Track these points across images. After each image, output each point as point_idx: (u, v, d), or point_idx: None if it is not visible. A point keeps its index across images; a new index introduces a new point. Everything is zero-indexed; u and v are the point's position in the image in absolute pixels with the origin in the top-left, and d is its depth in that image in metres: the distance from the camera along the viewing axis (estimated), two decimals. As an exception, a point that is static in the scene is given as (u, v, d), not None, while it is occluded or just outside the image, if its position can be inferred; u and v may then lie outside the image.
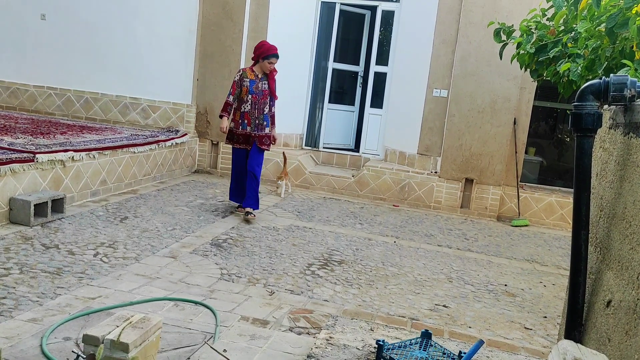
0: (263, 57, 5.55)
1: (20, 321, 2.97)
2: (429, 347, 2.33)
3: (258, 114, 5.66)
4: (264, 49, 5.56)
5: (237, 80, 5.65)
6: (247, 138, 5.68)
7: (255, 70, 5.69)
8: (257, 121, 5.66)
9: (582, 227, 1.51)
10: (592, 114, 1.51)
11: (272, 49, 5.54)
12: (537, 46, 4.74)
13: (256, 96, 5.63)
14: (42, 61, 8.38)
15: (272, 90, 5.72)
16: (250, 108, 5.63)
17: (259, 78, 5.67)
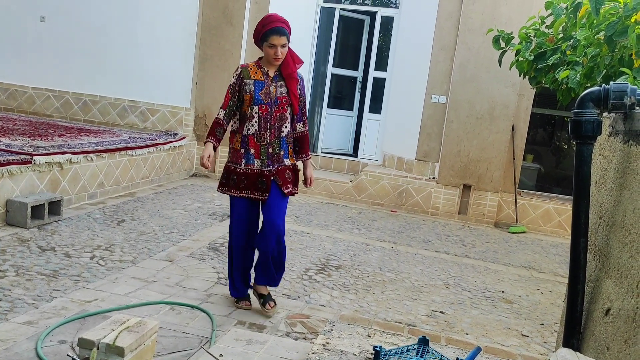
0: (261, 39, 3.40)
1: (15, 324, 2.95)
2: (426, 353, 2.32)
3: (271, 137, 3.45)
4: (259, 25, 3.41)
5: (233, 83, 3.49)
6: (256, 180, 3.45)
7: (264, 66, 3.48)
8: (271, 149, 3.46)
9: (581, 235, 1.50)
10: (591, 122, 1.51)
11: (270, 21, 3.36)
12: (536, 53, 4.76)
13: (267, 107, 3.41)
14: (41, 63, 8.37)
15: (294, 97, 3.47)
16: (257, 128, 3.44)
17: (270, 78, 3.44)
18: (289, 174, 3.53)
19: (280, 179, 3.48)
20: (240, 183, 3.48)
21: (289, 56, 3.45)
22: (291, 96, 3.46)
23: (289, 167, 3.53)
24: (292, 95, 3.47)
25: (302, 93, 3.55)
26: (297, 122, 3.58)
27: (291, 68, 3.45)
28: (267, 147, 3.46)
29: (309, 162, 3.72)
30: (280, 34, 3.33)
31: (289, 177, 3.52)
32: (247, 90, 3.44)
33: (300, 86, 3.53)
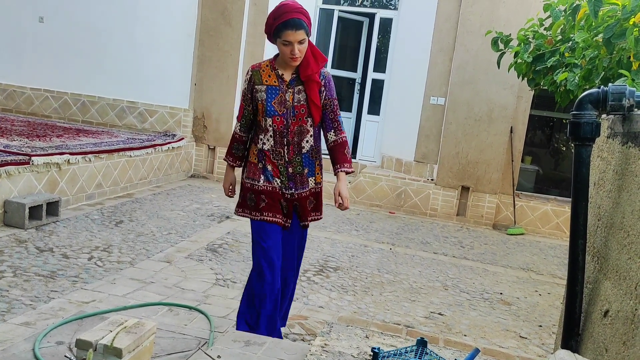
0: (273, 34, 2.73)
1: (12, 325, 2.94)
2: (424, 355, 2.31)
3: (290, 154, 2.88)
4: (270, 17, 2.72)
5: (244, 89, 2.92)
6: (278, 201, 2.92)
7: (279, 67, 2.85)
8: (291, 169, 2.89)
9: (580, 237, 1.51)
10: (590, 123, 1.51)
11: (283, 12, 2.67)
12: (534, 55, 4.77)
13: (282, 119, 2.83)
14: (40, 64, 8.36)
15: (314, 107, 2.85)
16: (273, 143, 2.88)
17: (285, 82, 2.83)
18: (311, 200, 2.98)
19: (300, 207, 2.94)
20: (260, 203, 2.89)
21: (310, 53, 2.79)
22: (310, 105, 2.82)
23: (313, 191, 2.97)
24: (312, 103, 2.82)
25: (329, 95, 2.91)
26: (328, 132, 2.94)
27: (311, 68, 2.79)
28: (287, 167, 2.88)
29: (343, 176, 2.91)
30: (296, 27, 2.66)
31: (311, 204, 2.98)
32: (259, 98, 2.84)
33: (326, 87, 2.89)
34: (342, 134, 2.96)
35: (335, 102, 2.94)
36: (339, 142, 2.93)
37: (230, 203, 6.78)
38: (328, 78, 2.92)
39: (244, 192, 2.97)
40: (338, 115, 2.94)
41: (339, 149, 2.93)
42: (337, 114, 2.93)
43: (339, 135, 2.94)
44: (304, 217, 2.97)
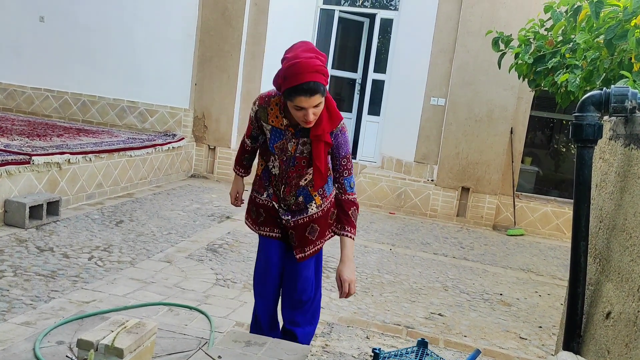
0: (285, 92, 2.29)
1: (13, 324, 2.94)
2: (425, 356, 2.31)
3: (286, 192, 2.64)
4: (281, 71, 2.32)
5: (251, 116, 2.64)
6: (274, 217, 2.72)
7: (287, 114, 2.49)
8: (288, 200, 2.65)
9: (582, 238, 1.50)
10: (592, 125, 1.51)
11: (296, 72, 2.22)
12: (535, 56, 4.77)
13: (282, 163, 2.60)
14: (40, 63, 8.36)
15: (318, 163, 2.45)
16: (276, 173, 2.65)
17: (290, 132, 2.51)
18: (312, 227, 2.64)
19: (296, 236, 2.64)
20: (259, 217, 2.74)
21: (325, 111, 2.39)
22: (314, 161, 2.43)
23: (315, 217, 2.64)
24: (316, 159, 2.42)
25: (337, 153, 2.48)
26: (334, 186, 2.59)
27: (323, 128, 2.38)
28: (284, 199, 2.66)
29: (346, 246, 2.51)
30: (311, 92, 2.22)
31: (313, 232, 2.65)
32: (264, 130, 2.61)
33: (338, 140, 2.47)
34: (347, 194, 2.52)
35: (343, 162, 2.49)
36: (342, 200, 2.53)
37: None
38: (342, 133, 2.49)
39: (249, 203, 2.82)
40: (345, 176, 2.50)
41: (341, 207, 2.54)
42: (343, 174, 2.50)
43: (344, 195, 2.53)
44: (299, 248, 2.65)
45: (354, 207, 2.52)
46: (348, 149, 2.50)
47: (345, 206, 2.51)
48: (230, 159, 8.20)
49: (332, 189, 2.66)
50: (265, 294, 2.80)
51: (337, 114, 2.46)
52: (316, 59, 2.26)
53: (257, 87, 8.19)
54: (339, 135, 2.46)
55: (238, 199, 2.94)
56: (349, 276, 2.48)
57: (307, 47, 2.33)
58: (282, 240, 2.73)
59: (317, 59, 2.26)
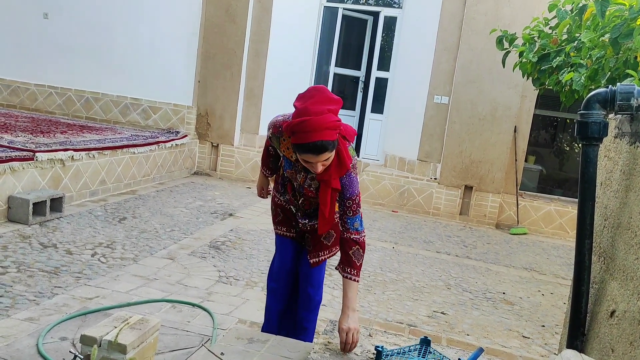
0: (293, 145, 2.28)
1: (16, 320, 2.95)
2: (427, 354, 2.31)
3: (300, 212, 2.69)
4: (295, 129, 2.19)
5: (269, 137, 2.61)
6: (290, 219, 2.76)
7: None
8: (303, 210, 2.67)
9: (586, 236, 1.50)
10: (598, 123, 1.51)
11: (302, 130, 2.15)
12: (539, 55, 4.75)
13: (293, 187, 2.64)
14: (44, 60, 8.37)
15: (323, 205, 2.39)
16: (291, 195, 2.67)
17: (299, 166, 2.49)
18: (329, 233, 2.61)
19: (311, 242, 2.65)
20: (277, 216, 2.76)
21: (335, 158, 2.30)
22: (320, 205, 2.38)
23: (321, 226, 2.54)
24: (322, 204, 2.37)
25: (345, 194, 2.39)
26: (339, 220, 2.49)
27: (330, 174, 2.30)
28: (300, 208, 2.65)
29: (348, 289, 2.41)
30: (319, 151, 2.17)
31: (326, 238, 2.63)
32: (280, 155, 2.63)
33: (343, 181, 2.37)
34: (350, 233, 2.40)
35: (348, 204, 2.39)
36: (344, 238, 2.42)
37: (233, 200, 6.78)
38: (348, 175, 2.37)
39: (271, 200, 2.83)
40: (349, 216, 2.39)
41: (342, 245, 2.44)
42: (347, 214, 2.39)
43: (346, 234, 2.42)
44: (314, 253, 2.63)
45: (356, 247, 2.37)
46: (354, 190, 2.37)
47: (346, 245, 2.39)
48: (234, 156, 8.20)
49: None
50: (277, 292, 2.82)
51: (346, 160, 2.32)
52: (327, 114, 2.13)
53: (261, 85, 8.19)
54: (345, 177, 2.35)
55: (264, 191, 2.92)
56: (346, 325, 2.38)
57: (319, 98, 2.17)
58: (297, 240, 2.74)
59: (328, 114, 2.14)
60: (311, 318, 2.80)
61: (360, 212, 2.39)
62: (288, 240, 2.75)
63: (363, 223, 2.41)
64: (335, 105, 2.19)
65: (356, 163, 2.40)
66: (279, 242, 2.81)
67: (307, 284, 2.72)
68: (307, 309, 2.77)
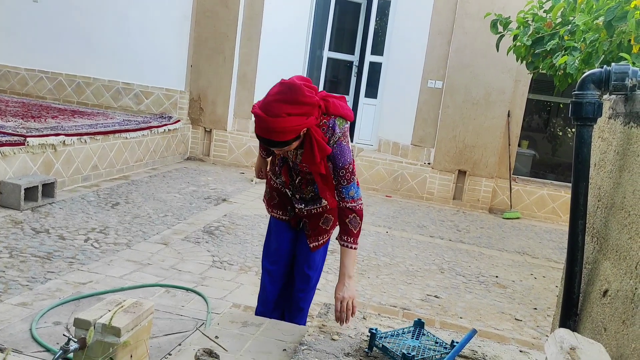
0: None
1: (9, 305, 2.94)
2: (421, 336, 2.32)
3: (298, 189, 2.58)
4: (254, 117, 2.20)
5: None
6: (286, 204, 2.70)
7: None
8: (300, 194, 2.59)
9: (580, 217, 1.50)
10: (592, 103, 1.50)
11: (258, 127, 2.18)
12: (533, 38, 4.74)
13: (286, 168, 2.57)
14: (34, 44, 8.27)
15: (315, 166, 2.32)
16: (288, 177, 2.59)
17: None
18: (327, 217, 2.60)
19: (310, 225, 2.61)
20: (273, 199, 2.72)
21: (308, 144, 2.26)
22: (312, 165, 2.31)
23: (327, 207, 2.58)
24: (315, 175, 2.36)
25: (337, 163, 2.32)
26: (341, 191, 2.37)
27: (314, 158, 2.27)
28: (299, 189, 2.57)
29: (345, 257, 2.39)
30: (270, 146, 2.26)
31: (327, 222, 2.62)
32: None
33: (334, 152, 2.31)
34: (345, 202, 2.35)
35: (341, 173, 2.32)
36: (340, 207, 2.39)
37: (227, 186, 6.77)
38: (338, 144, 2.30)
39: (266, 183, 2.79)
40: (343, 185, 2.33)
41: (339, 214, 2.41)
42: (341, 183, 2.33)
43: (342, 203, 2.37)
44: (313, 237, 2.61)
45: (353, 215, 2.33)
46: (346, 159, 2.31)
47: (342, 214, 2.37)
48: (227, 141, 8.16)
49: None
50: (273, 273, 2.77)
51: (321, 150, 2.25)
52: (283, 119, 2.09)
53: (254, 69, 8.13)
54: (336, 147, 2.30)
55: (262, 173, 2.85)
56: (341, 293, 2.33)
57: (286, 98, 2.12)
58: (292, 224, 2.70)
59: (285, 118, 2.09)
60: (307, 298, 2.79)
61: (355, 180, 2.35)
62: (284, 223, 2.71)
63: (359, 190, 2.38)
64: (301, 110, 2.13)
65: (347, 130, 2.33)
66: (274, 224, 2.76)
67: (306, 265, 2.69)
68: (304, 290, 2.75)
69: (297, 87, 2.14)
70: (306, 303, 2.78)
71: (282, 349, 2.40)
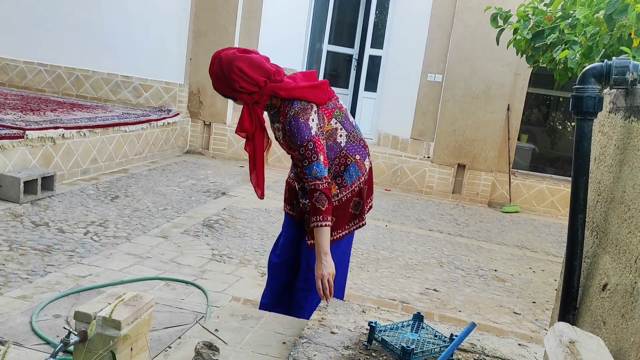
0: None
1: (9, 298, 2.94)
2: (420, 329, 2.33)
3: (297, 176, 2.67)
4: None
5: None
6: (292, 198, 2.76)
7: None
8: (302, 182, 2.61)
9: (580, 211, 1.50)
10: (593, 97, 1.50)
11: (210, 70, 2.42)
12: (533, 32, 4.72)
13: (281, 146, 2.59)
14: (33, 37, 8.23)
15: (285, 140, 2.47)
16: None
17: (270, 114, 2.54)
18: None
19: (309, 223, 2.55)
20: (285, 194, 2.80)
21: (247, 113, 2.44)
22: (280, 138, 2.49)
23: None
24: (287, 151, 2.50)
25: (296, 142, 2.35)
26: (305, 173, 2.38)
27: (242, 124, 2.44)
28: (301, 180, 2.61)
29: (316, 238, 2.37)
30: (222, 95, 2.45)
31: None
32: None
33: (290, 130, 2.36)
34: (309, 183, 2.34)
35: (302, 151, 2.33)
36: (307, 189, 2.39)
37: (226, 179, 6.77)
38: (290, 122, 2.35)
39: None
40: (305, 165, 2.33)
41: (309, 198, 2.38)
42: (303, 163, 2.34)
43: (306, 185, 2.37)
44: (310, 235, 2.55)
45: (317, 194, 2.31)
46: (304, 136, 2.32)
47: (309, 196, 2.37)
48: (226, 135, 8.15)
49: (354, 178, 2.59)
50: (276, 267, 2.81)
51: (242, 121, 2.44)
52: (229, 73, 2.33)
53: (253, 63, 8.09)
54: (293, 123, 2.34)
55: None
56: (320, 271, 2.33)
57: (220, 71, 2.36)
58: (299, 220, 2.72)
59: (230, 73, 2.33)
60: (309, 298, 2.74)
61: (318, 159, 2.32)
62: (292, 219, 2.75)
63: (324, 170, 2.34)
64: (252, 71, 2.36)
65: (308, 109, 2.38)
66: (285, 219, 2.82)
67: (307, 263, 2.68)
68: (305, 289, 2.74)
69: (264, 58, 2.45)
70: (308, 302, 2.75)
71: (282, 342, 2.41)
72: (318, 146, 2.34)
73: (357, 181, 2.63)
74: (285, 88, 2.39)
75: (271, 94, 2.39)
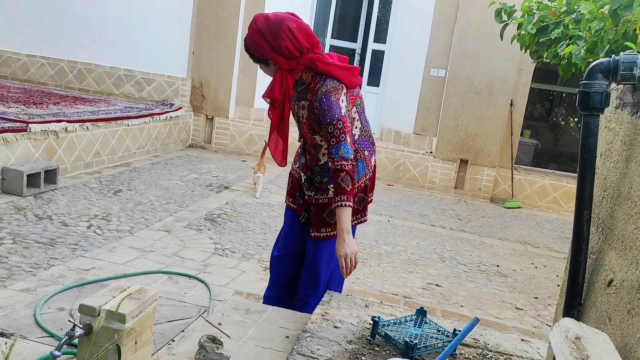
0: None
1: (13, 291, 2.95)
2: (423, 324, 2.33)
3: (310, 162, 2.64)
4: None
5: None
6: (297, 189, 2.73)
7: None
8: (311, 172, 2.64)
9: (585, 207, 1.50)
10: (600, 93, 1.49)
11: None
12: (538, 27, 4.71)
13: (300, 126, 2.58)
14: (36, 30, 8.22)
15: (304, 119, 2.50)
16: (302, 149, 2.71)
17: (296, 91, 2.52)
18: (332, 211, 2.50)
19: (314, 213, 2.60)
20: (288, 186, 2.80)
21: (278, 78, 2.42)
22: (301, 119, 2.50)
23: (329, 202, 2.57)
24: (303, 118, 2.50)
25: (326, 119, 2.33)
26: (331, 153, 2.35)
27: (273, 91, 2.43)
28: (308, 170, 2.63)
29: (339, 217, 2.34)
30: (251, 56, 2.52)
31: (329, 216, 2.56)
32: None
33: (321, 107, 2.35)
34: (335, 162, 2.31)
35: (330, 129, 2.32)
36: (332, 169, 2.35)
37: (229, 173, 6.77)
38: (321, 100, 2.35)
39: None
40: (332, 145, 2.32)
41: (333, 178, 2.35)
42: (330, 142, 2.33)
43: (332, 165, 2.34)
44: (315, 227, 2.60)
45: (343, 173, 2.30)
46: (334, 114, 2.31)
47: (334, 176, 2.33)
48: (229, 129, 8.15)
49: (361, 174, 2.58)
50: (278, 260, 2.81)
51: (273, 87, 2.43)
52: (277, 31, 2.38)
53: (256, 57, 8.08)
54: (324, 100, 2.34)
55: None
56: (343, 250, 2.34)
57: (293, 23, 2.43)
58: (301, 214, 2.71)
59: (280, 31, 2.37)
60: (313, 294, 2.73)
61: (346, 139, 2.31)
62: (294, 212, 2.74)
63: (351, 150, 2.33)
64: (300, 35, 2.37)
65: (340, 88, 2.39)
66: (286, 212, 2.81)
67: (311, 259, 2.68)
68: (309, 286, 2.72)
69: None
70: (312, 298, 2.75)
71: (285, 336, 2.42)
72: (346, 126, 2.34)
73: (363, 177, 2.61)
74: (323, 61, 2.40)
75: (309, 65, 2.39)
